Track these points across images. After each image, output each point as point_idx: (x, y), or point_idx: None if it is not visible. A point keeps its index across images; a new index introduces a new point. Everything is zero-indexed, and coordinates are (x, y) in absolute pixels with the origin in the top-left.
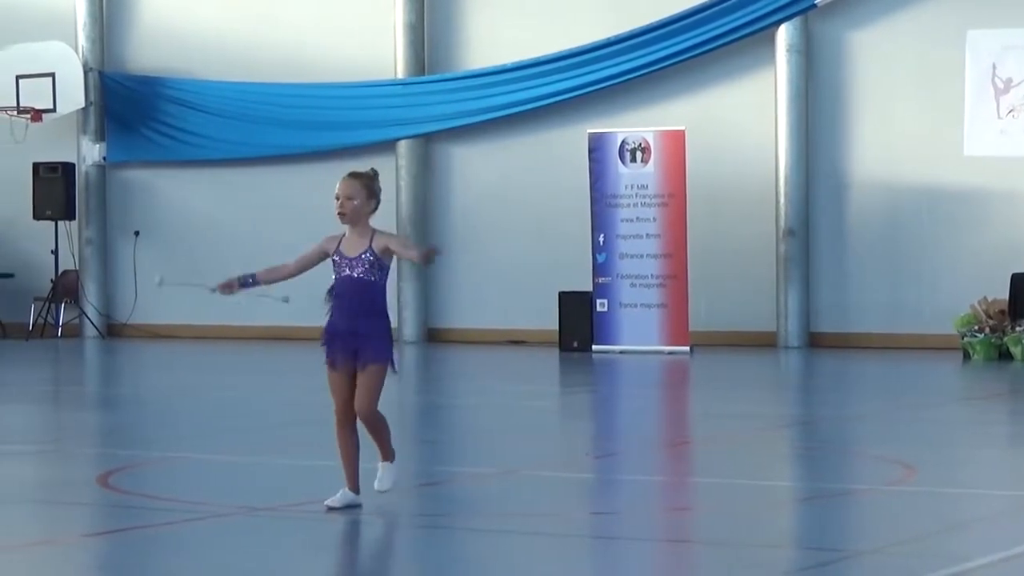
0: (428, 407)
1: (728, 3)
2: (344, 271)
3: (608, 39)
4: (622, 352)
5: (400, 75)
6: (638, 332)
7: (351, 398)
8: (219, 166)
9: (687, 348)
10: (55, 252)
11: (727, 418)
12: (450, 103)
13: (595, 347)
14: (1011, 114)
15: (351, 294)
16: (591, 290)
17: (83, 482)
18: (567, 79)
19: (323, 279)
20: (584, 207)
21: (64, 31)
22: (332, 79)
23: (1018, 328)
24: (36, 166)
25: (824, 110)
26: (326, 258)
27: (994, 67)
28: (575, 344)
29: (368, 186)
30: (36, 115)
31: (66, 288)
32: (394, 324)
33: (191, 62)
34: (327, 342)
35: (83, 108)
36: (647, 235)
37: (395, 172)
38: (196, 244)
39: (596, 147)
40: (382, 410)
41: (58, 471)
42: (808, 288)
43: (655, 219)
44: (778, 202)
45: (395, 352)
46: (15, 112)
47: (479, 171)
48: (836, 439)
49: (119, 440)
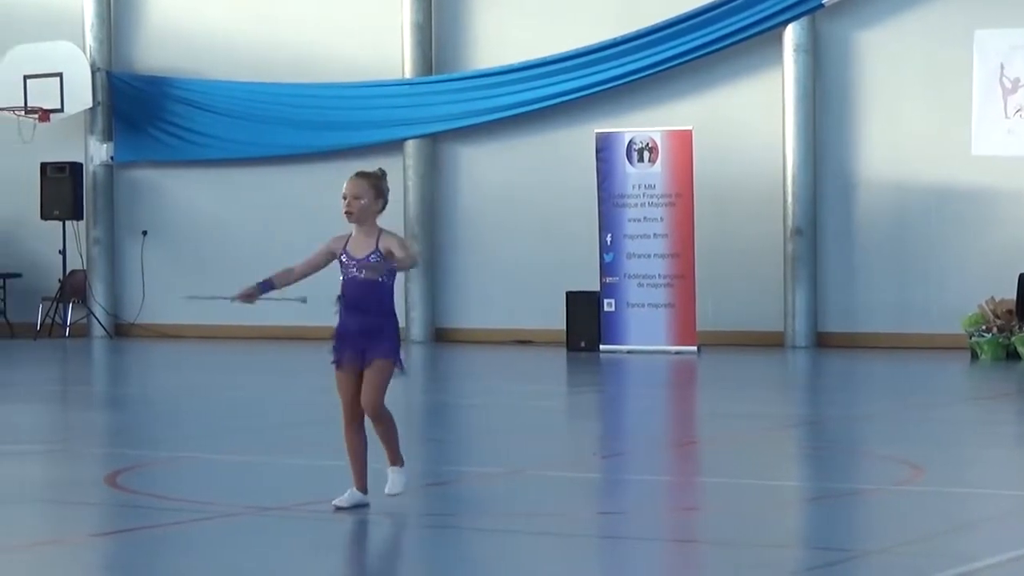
0: (435, 407)
1: (735, 3)
2: (351, 272)
3: (615, 39)
4: (629, 352)
5: (407, 75)
6: (645, 332)
7: (358, 398)
8: (226, 166)
9: (694, 348)
10: (63, 252)
11: (734, 418)
12: (457, 103)
13: (602, 347)
14: (1019, 114)
15: (358, 294)
16: (598, 290)
17: (91, 482)
18: (574, 79)
19: (332, 279)
20: (591, 207)
21: (72, 31)
22: (339, 79)
23: None
24: (44, 166)
25: (831, 110)
26: (333, 259)
27: (1002, 67)
28: (582, 344)
29: (376, 185)
30: (44, 115)
31: (74, 288)
32: (401, 324)
33: (198, 62)
34: (335, 341)
35: (91, 108)
36: (654, 235)
37: (402, 172)
38: (203, 244)
39: (603, 147)
40: (390, 409)
41: (66, 471)
42: (816, 288)
43: (662, 219)
44: (786, 202)
45: (403, 352)
46: (23, 112)
47: (486, 171)
48: (843, 439)
49: (127, 440)
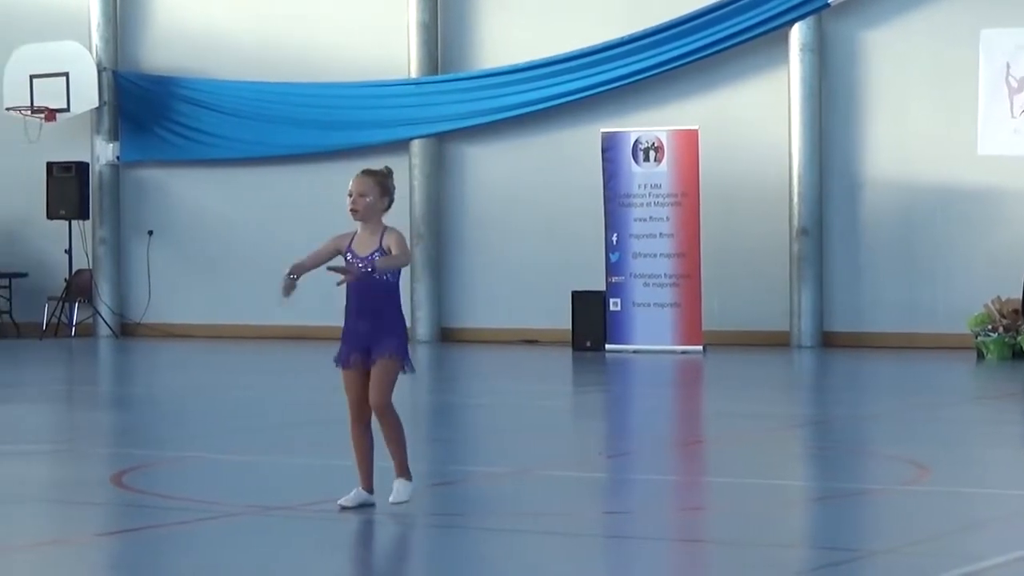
0: (441, 406)
1: (741, 2)
2: (356, 267)
3: (621, 39)
4: (635, 351)
5: (413, 75)
6: (651, 331)
7: (364, 396)
8: (233, 165)
9: (700, 347)
10: (69, 251)
11: (740, 417)
12: (463, 103)
13: (608, 346)
14: None
15: (363, 292)
16: (604, 289)
17: (97, 481)
18: (580, 79)
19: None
20: (597, 206)
21: (78, 31)
22: (345, 79)
23: None
24: (50, 165)
25: (837, 109)
26: (338, 255)
27: (1008, 66)
28: (588, 343)
29: (381, 183)
30: (50, 115)
31: (80, 287)
32: (407, 324)
33: (205, 62)
34: (341, 340)
35: (97, 108)
36: (660, 234)
37: (408, 172)
38: (209, 243)
39: (609, 146)
40: (398, 411)
41: (72, 470)
42: (821, 287)
43: (668, 218)
44: (792, 201)
45: (409, 351)
46: (29, 112)
47: (492, 171)
48: (849, 439)
49: (132, 439)
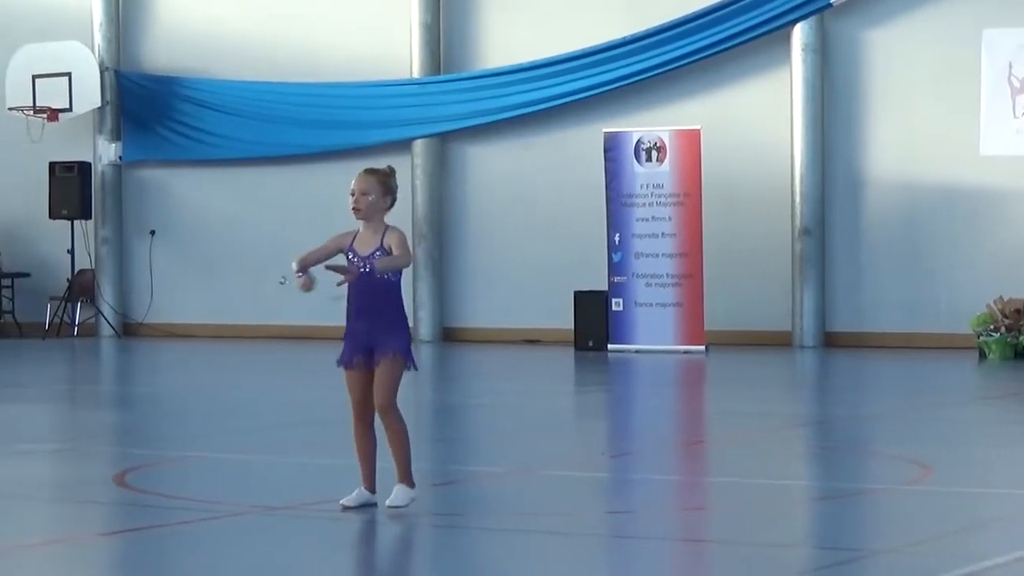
0: (443, 406)
1: (744, 2)
2: (355, 267)
3: (623, 38)
4: (637, 351)
5: (416, 75)
6: (653, 331)
7: (367, 396)
8: (235, 165)
9: (702, 347)
10: (71, 251)
11: (742, 417)
12: (466, 102)
13: (610, 346)
14: None
15: (364, 292)
16: (606, 289)
17: (99, 481)
18: (582, 78)
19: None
20: (599, 206)
21: (80, 31)
22: (348, 79)
23: None
24: (52, 165)
25: (840, 109)
26: (340, 253)
27: (1010, 66)
28: (590, 343)
29: (384, 182)
30: (52, 114)
31: (82, 287)
32: (409, 323)
33: (207, 61)
34: (344, 341)
35: (99, 107)
36: (663, 234)
37: (411, 171)
38: (212, 243)
39: (611, 146)
40: (401, 412)
41: (74, 470)
42: (824, 287)
43: (671, 218)
44: (794, 201)
45: (413, 349)
46: (31, 112)
47: (495, 170)
48: (852, 438)
49: (135, 439)
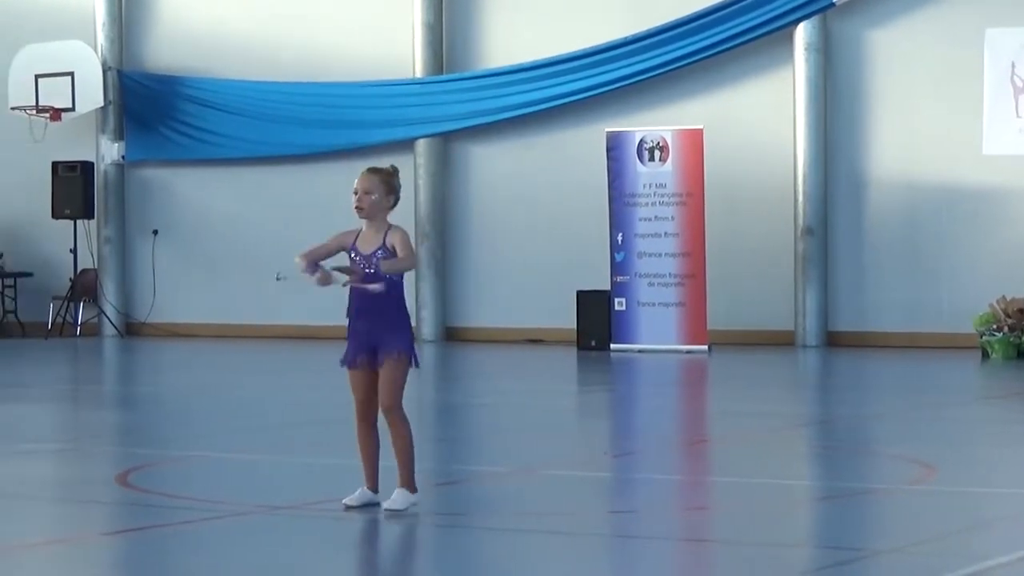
0: (446, 406)
1: (746, 2)
2: (359, 267)
3: (626, 38)
4: (640, 351)
5: (418, 74)
6: (656, 331)
7: (371, 396)
8: (237, 165)
9: (705, 347)
10: (74, 251)
11: (745, 417)
12: (468, 102)
13: (613, 346)
14: None
15: (366, 291)
16: (609, 289)
17: (102, 481)
18: (585, 78)
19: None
20: (602, 206)
21: (83, 30)
22: (350, 78)
23: None
24: (55, 165)
25: (842, 109)
26: (343, 252)
27: (1013, 66)
28: (593, 343)
29: (387, 181)
30: (55, 114)
31: (85, 287)
32: (412, 323)
33: (209, 61)
34: (348, 341)
35: (102, 107)
36: (665, 234)
37: (413, 171)
38: (214, 243)
39: (614, 146)
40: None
41: (77, 470)
42: (826, 287)
43: (673, 218)
44: (796, 201)
45: (416, 347)
46: (34, 111)
47: (497, 170)
48: (855, 438)
49: (138, 439)
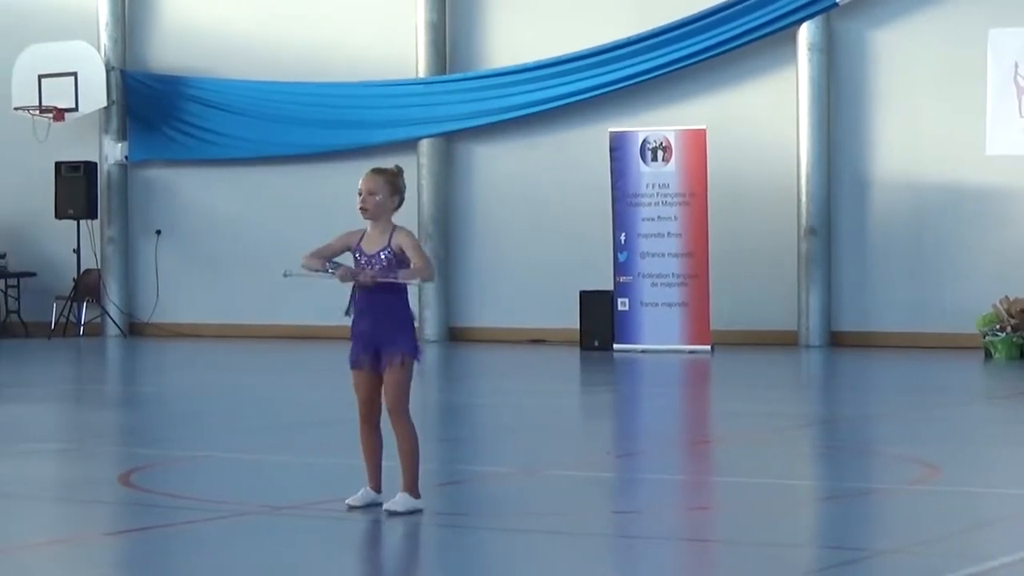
0: (449, 406)
1: (749, 2)
2: (363, 268)
3: (629, 38)
4: (643, 351)
5: (422, 74)
6: (659, 331)
7: (374, 396)
8: (241, 165)
9: (708, 347)
10: (77, 251)
11: (748, 417)
12: (471, 102)
13: (616, 346)
14: None
15: (368, 291)
16: (612, 289)
17: (105, 480)
18: (588, 78)
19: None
20: (605, 206)
21: (86, 30)
22: (354, 78)
23: None
24: (58, 165)
25: (845, 109)
26: (347, 252)
27: (1016, 66)
28: (596, 343)
29: (391, 182)
30: (58, 114)
31: (88, 287)
32: (415, 323)
33: (213, 61)
34: (351, 342)
35: (105, 107)
36: (668, 234)
37: (417, 171)
38: (218, 243)
39: (617, 146)
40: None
41: (80, 470)
42: (829, 287)
43: (676, 218)
44: (799, 201)
45: (420, 347)
46: (37, 111)
47: (501, 170)
48: (857, 438)
49: (140, 439)
